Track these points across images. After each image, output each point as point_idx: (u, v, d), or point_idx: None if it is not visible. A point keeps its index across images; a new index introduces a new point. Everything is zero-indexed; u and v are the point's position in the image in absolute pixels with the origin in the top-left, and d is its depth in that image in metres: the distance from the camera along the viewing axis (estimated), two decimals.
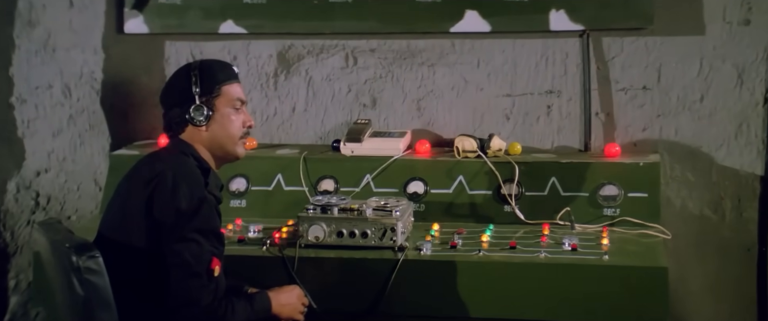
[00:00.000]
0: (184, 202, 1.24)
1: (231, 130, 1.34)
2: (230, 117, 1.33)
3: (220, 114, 1.33)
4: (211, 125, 1.33)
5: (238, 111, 1.34)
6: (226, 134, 1.33)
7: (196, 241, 1.24)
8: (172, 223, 1.24)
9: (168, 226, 1.24)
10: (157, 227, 1.24)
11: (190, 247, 1.24)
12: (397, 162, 1.74)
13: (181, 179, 1.26)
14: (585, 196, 1.68)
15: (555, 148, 1.83)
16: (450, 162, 1.73)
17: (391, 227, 1.50)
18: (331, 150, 1.82)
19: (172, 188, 1.25)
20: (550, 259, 1.48)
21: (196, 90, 1.31)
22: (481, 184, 1.71)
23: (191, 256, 1.24)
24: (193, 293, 1.23)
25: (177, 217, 1.24)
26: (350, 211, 1.51)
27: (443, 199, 1.71)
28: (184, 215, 1.24)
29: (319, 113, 1.90)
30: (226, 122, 1.33)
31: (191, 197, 1.24)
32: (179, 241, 1.23)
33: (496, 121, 1.85)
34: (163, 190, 1.25)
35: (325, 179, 1.74)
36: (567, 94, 1.82)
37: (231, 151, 1.34)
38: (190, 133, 1.33)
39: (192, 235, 1.24)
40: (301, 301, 1.41)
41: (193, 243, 1.24)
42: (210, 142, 1.33)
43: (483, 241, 1.56)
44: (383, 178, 1.74)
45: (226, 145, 1.34)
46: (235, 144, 1.34)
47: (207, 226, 1.26)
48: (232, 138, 1.34)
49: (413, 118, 1.87)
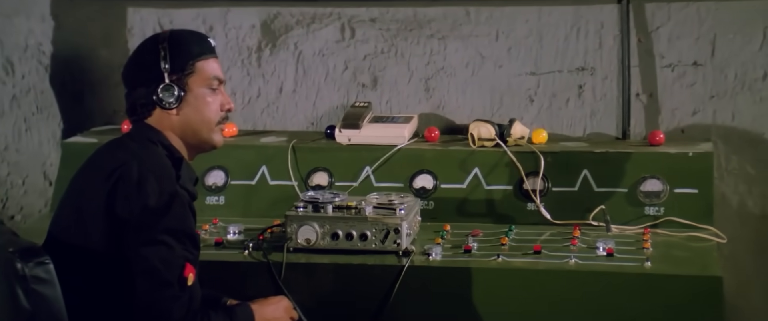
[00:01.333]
0: (152, 198, 1.20)
1: (206, 114, 1.29)
2: (206, 99, 1.29)
3: (194, 95, 1.29)
4: (183, 108, 1.28)
5: (215, 92, 1.30)
6: (200, 119, 1.29)
7: (166, 243, 1.20)
8: (137, 223, 1.20)
9: (133, 227, 1.20)
10: (119, 228, 1.20)
11: (159, 250, 1.19)
12: (402, 152, 1.74)
13: (148, 171, 1.22)
14: (623, 193, 1.67)
15: (587, 135, 1.83)
16: (464, 152, 1.73)
17: (394, 228, 1.49)
18: (325, 138, 1.82)
19: (137, 182, 1.21)
20: (582, 265, 1.47)
21: (165, 67, 1.27)
22: (500, 178, 1.71)
23: (160, 261, 1.19)
24: (162, 305, 1.19)
25: (144, 216, 1.20)
26: (347, 209, 1.51)
27: (456, 195, 1.70)
28: (152, 213, 1.19)
29: (310, 95, 1.90)
30: (200, 105, 1.29)
31: (160, 192, 1.20)
32: (146, 243, 1.19)
33: (517, 104, 1.85)
34: (127, 183, 1.21)
35: (317, 172, 1.74)
36: (602, 72, 1.81)
37: (206, 139, 1.31)
38: (159, 118, 1.29)
39: (161, 236, 1.20)
40: (289, 314, 1.39)
41: (162, 246, 1.20)
42: (182, 128, 1.29)
43: (502, 245, 1.56)
44: (385, 170, 1.73)
45: (201, 131, 1.30)
46: (211, 131, 1.30)
47: (179, 226, 1.21)
48: (208, 123, 1.30)
49: (421, 100, 1.87)
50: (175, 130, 1.29)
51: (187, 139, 1.30)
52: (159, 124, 1.29)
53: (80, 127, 1.87)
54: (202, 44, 1.31)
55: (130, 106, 1.31)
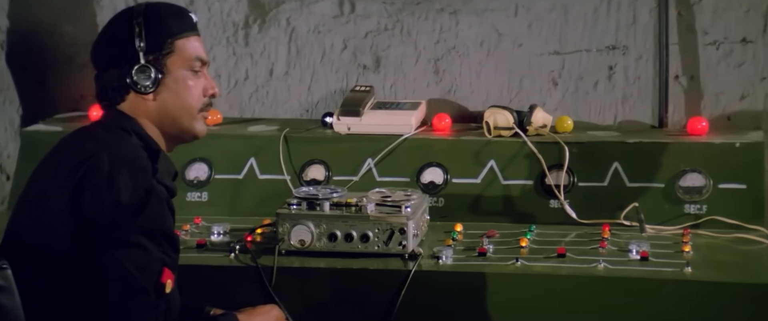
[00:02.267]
0: (125, 195, 1.17)
1: (187, 99, 1.26)
2: (186, 82, 1.26)
3: (173, 78, 1.26)
4: (161, 93, 1.25)
5: (197, 74, 1.27)
6: (180, 105, 1.26)
7: (141, 245, 1.16)
8: (108, 222, 1.16)
9: (103, 227, 1.17)
10: (88, 228, 1.17)
11: (133, 253, 1.16)
12: (408, 142, 1.74)
13: (120, 164, 1.19)
14: (659, 188, 1.66)
15: (619, 123, 1.82)
16: (478, 142, 1.73)
17: (399, 228, 1.48)
18: (321, 126, 1.80)
19: (108, 176, 1.17)
20: (612, 271, 1.45)
21: (141, 45, 1.24)
22: (519, 172, 1.69)
23: (134, 265, 1.16)
24: (135, 315, 1.16)
25: (115, 214, 1.16)
26: (346, 207, 1.49)
27: (469, 191, 1.70)
28: (126, 212, 1.16)
29: (304, 77, 1.89)
30: (181, 89, 1.26)
31: (134, 188, 1.17)
32: (119, 245, 1.16)
33: (539, 88, 1.83)
34: (96, 178, 1.17)
35: (312, 165, 1.73)
36: (636, 51, 1.80)
37: (187, 128, 1.28)
38: (133, 104, 1.26)
39: (136, 237, 1.16)
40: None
41: (137, 248, 1.16)
42: (159, 115, 1.26)
43: (522, 247, 1.54)
44: (390, 163, 1.72)
45: (181, 119, 1.27)
46: (192, 118, 1.27)
47: (155, 225, 1.19)
48: (189, 110, 1.27)
49: (429, 84, 1.86)
50: (152, 118, 1.26)
51: (165, 127, 1.27)
52: (133, 110, 1.26)
53: (42, 113, 1.85)
54: (182, 20, 1.28)
55: (100, 89, 1.28)
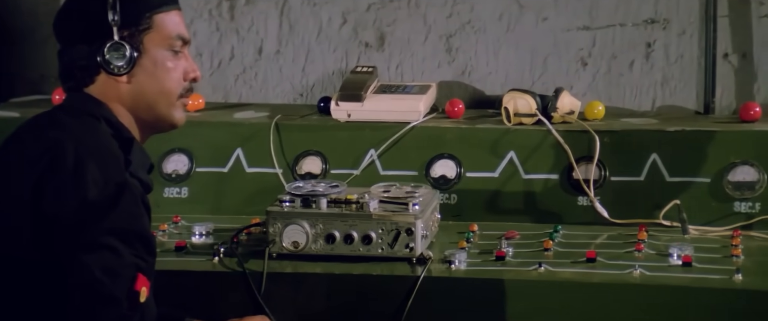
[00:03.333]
0: (93, 191, 1.13)
1: (166, 83, 1.24)
2: (165, 63, 1.24)
3: (151, 58, 1.23)
4: (137, 75, 1.23)
5: (178, 55, 1.25)
6: (158, 89, 1.24)
7: (111, 248, 1.13)
8: (74, 223, 1.13)
9: (68, 227, 1.13)
10: (50, 228, 1.14)
11: (102, 257, 1.13)
12: (417, 131, 1.71)
13: (88, 155, 1.16)
14: (705, 183, 1.64)
15: (658, 109, 1.80)
16: (496, 131, 1.70)
17: (406, 228, 1.46)
18: (318, 113, 1.79)
19: (73, 169, 1.14)
20: (650, 278, 1.42)
21: (115, 18, 1.20)
22: (542, 165, 1.67)
23: (104, 271, 1.12)
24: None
25: (82, 213, 1.13)
26: (346, 204, 1.48)
27: (485, 186, 1.68)
28: (94, 210, 1.13)
29: (298, 57, 1.87)
30: (158, 71, 1.23)
31: (104, 182, 1.14)
32: (86, 248, 1.12)
33: (566, 69, 1.82)
34: (59, 171, 1.14)
35: (307, 156, 1.72)
36: (678, 25, 1.77)
37: (164, 116, 1.25)
38: (103, 86, 1.23)
39: (105, 239, 1.13)
40: None
41: (106, 251, 1.13)
42: (133, 100, 1.24)
43: (546, 251, 1.52)
44: (395, 154, 1.70)
45: (158, 105, 1.24)
46: (170, 105, 1.25)
47: (128, 225, 1.15)
48: (167, 95, 1.25)
49: (441, 64, 1.85)
50: (124, 103, 1.23)
51: (139, 114, 1.25)
52: (103, 94, 1.23)
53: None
54: None
55: (65, 68, 1.24)
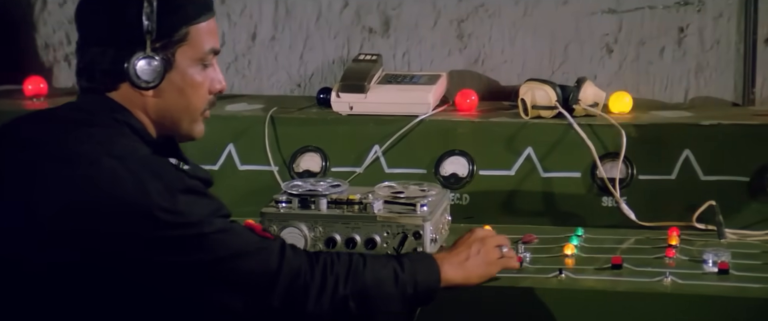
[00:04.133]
0: (163, 202, 1.15)
1: (193, 99, 1.24)
2: (195, 78, 1.23)
3: (180, 73, 1.23)
4: (164, 89, 1.22)
5: (206, 68, 1.25)
6: (184, 106, 1.24)
7: (218, 232, 1.17)
8: (172, 244, 1.15)
9: (163, 263, 1.15)
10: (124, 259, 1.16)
11: (223, 271, 1.18)
12: (426, 125, 1.70)
13: (139, 167, 1.17)
14: (743, 183, 1.62)
15: (691, 100, 1.79)
16: (512, 125, 1.69)
17: (414, 232, 1.45)
18: (317, 105, 1.78)
19: (134, 186, 1.15)
20: (682, 287, 1.40)
21: (150, 28, 1.20)
22: (563, 162, 1.66)
23: (240, 259, 1.18)
24: (266, 277, 1.19)
25: (168, 239, 1.15)
26: (348, 205, 1.48)
27: (500, 185, 1.67)
28: (179, 229, 1.16)
29: (295, 43, 1.87)
30: (187, 87, 1.23)
31: (170, 191, 1.16)
32: (205, 277, 1.17)
33: (590, 57, 1.81)
34: (112, 192, 1.14)
35: (306, 153, 1.71)
36: (714, 7, 1.75)
37: (185, 131, 1.26)
38: (127, 94, 1.22)
39: (209, 256, 1.17)
40: (503, 264, 1.35)
41: (217, 236, 1.16)
42: (157, 113, 1.24)
43: (567, 256, 1.50)
44: (402, 151, 1.69)
45: (182, 121, 1.25)
46: (194, 121, 1.26)
47: (215, 212, 1.19)
48: (193, 112, 1.25)
49: (451, 51, 1.84)
50: (148, 113, 1.24)
51: (160, 126, 1.25)
52: (127, 101, 1.23)
53: None
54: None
55: (86, 67, 1.23)
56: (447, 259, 1.31)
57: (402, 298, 1.24)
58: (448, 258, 1.31)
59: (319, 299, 1.19)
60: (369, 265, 1.24)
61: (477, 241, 1.34)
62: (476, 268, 1.33)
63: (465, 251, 1.33)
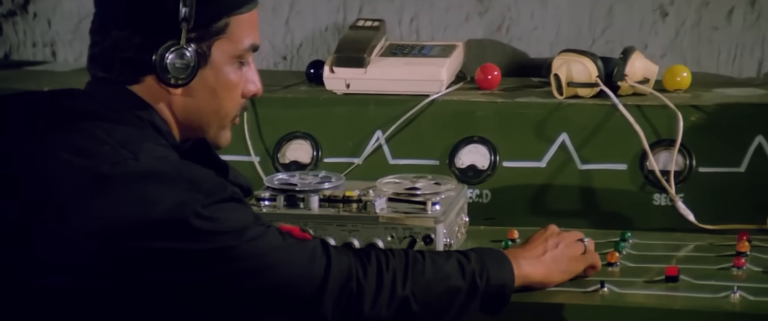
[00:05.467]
0: (206, 221, 1.16)
1: (225, 102, 1.26)
2: (229, 78, 1.25)
3: (214, 70, 1.24)
4: (195, 88, 1.23)
5: (243, 66, 1.27)
6: (215, 109, 1.26)
7: (255, 239, 1.18)
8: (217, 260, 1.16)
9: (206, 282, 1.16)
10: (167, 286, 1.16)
11: (269, 269, 1.18)
12: (438, 107, 1.68)
13: (177, 176, 1.17)
14: None
15: (766, 75, 1.74)
16: (543, 107, 1.65)
17: (424, 235, 1.43)
18: (306, 82, 1.77)
19: (172, 193, 1.15)
20: (753, 304, 1.35)
21: (187, 15, 1.20)
22: (605, 152, 1.62)
23: (270, 256, 1.18)
24: (313, 279, 1.19)
25: (218, 259, 1.16)
26: (344, 204, 1.46)
27: (528, 179, 1.64)
28: (225, 245, 1.16)
29: (280, 6, 1.84)
30: (220, 88, 1.25)
31: (207, 206, 1.16)
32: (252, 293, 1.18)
33: (639, 22, 1.77)
34: (150, 205, 1.14)
35: (293, 141, 1.69)
36: None
37: (210, 137, 1.27)
38: (151, 89, 1.22)
39: (251, 260, 1.17)
40: (587, 261, 1.37)
41: (267, 269, 1.18)
42: (184, 114, 1.25)
43: (610, 266, 1.46)
44: (410, 138, 1.67)
45: (210, 126, 1.26)
46: (222, 127, 1.28)
47: (247, 220, 1.19)
48: (223, 118, 1.26)
49: (469, 16, 1.81)
50: (174, 112, 1.24)
51: (184, 128, 1.26)
52: (150, 97, 1.23)
53: None
54: None
55: (104, 54, 1.22)
56: (520, 254, 1.31)
57: (472, 293, 1.24)
58: (521, 253, 1.31)
59: (375, 302, 1.20)
60: (429, 258, 1.24)
61: (554, 236, 1.35)
62: (557, 263, 1.32)
63: (541, 246, 1.33)
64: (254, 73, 1.26)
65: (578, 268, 1.34)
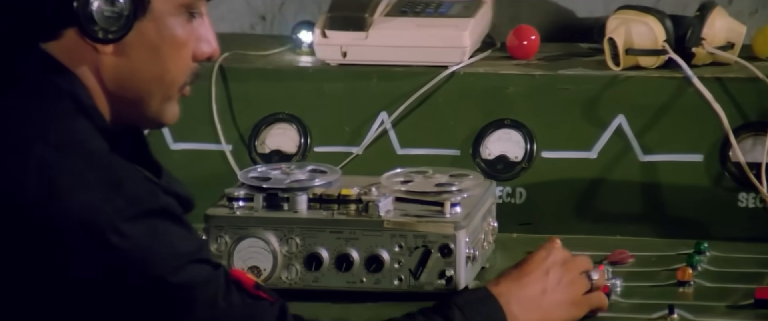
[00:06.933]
0: (123, 239, 1.15)
1: (171, 65, 1.22)
2: (175, 33, 1.21)
3: (157, 23, 1.20)
4: (131, 46, 1.20)
5: (193, 19, 1.23)
6: (158, 74, 1.22)
7: (189, 285, 1.15)
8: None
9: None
10: None
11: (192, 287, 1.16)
12: (459, 82, 1.67)
13: (95, 166, 1.15)
14: None
15: None
16: (593, 81, 1.65)
17: (442, 245, 1.41)
18: (291, 49, 1.77)
19: (87, 191, 1.14)
20: None
21: None
22: (675, 138, 1.62)
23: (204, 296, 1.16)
24: None
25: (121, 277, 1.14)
26: (340, 205, 1.45)
27: (574, 173, 1.63)
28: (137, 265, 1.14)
29: None
30: (165, 46, 1.22)
31: (134, 218, 1.15)
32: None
33: None
34: (45, 201, 1.12)
35: (275, 125, 1.70)
36: None
37: (153, 113, 1.24)
38: (72, 47, 1.18)
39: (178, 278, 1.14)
40: (595, 302, 1.35)
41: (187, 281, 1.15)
42: (116, 81, 1.21)
43: (682, 286, 1.43)
44: (423, 121, 1.67)
45: (151, 97, 1.23)
46: (167, 99, 1.24)
47: (183, 246, 1.17)
48: (169, 85, 1.23)
49: None
50: (102, 80, 1.20)
51: (118, 100, 1.22)
52: (70, 58, 1.18)
53: None
54: None
55: (7, 2, 1.19)
56: (514, 295, 1.29)
57: None
58: (515, 292, 1.29)
59: None
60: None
61: (556, 266, 1.31)
62: (558, 307, 1.30)
63: (540, 281, 1.30)
64: (209, 29, 1.21)
65: (579, 314, 1.31)
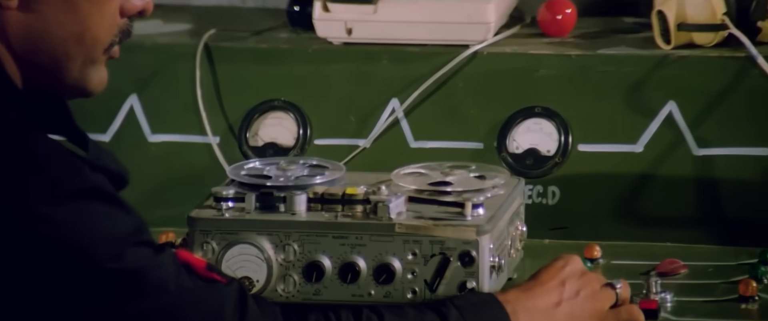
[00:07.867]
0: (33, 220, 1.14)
1: (92, 22, 1.21)
2: None
3: None
4: (43, 2, 1.19)
5: None
6: (77, 32, 1.21)
7: (132, 272, 1.16)
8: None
9: None
10: None
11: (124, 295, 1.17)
12: (483, 63, 1.66)
13: (7, 145, 1.16)
14: None
15: None
16: (639, 62, 1.64)
17: (462, 252, 1.39)
18: (287, 26, 1.77)
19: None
20: None
21: None
22: (736, 130, 1.61)
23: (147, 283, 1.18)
24: None
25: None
26: (344, 205, 1.44)
27: (617, 168, 1.62)
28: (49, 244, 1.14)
29: None
30: (81, 1, 1.22)
31: (56, 198, 1.16)
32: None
33: None
34: None
35: (269, 113, 1.70)
36: None
37: (73, 78, 1.23)
38: None
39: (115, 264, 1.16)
40: (605, 299, 1.34)
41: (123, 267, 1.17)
42: (25, 41, 1.21)
43: (744, 301, 1.42)
44: (440, 109, 1.66)
45: (69, 59, 1.22)
46: (91, 61, 1.23)
47: (119, 228, 1.19)
48: (90, 45, 1.22)
49: None
50: (9, 41, 1.19)
51: (31, 64, 1.22)
52: None
53: None
54: None
55: None
56: (523, 304, 1.30)
57: None
58: (523, 301, 1.30)
59: None
60: (389, 319, 1.26)
61: (573, 277, 1.32)
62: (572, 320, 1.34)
63: (554, 292, 1.31)
64: None
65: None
